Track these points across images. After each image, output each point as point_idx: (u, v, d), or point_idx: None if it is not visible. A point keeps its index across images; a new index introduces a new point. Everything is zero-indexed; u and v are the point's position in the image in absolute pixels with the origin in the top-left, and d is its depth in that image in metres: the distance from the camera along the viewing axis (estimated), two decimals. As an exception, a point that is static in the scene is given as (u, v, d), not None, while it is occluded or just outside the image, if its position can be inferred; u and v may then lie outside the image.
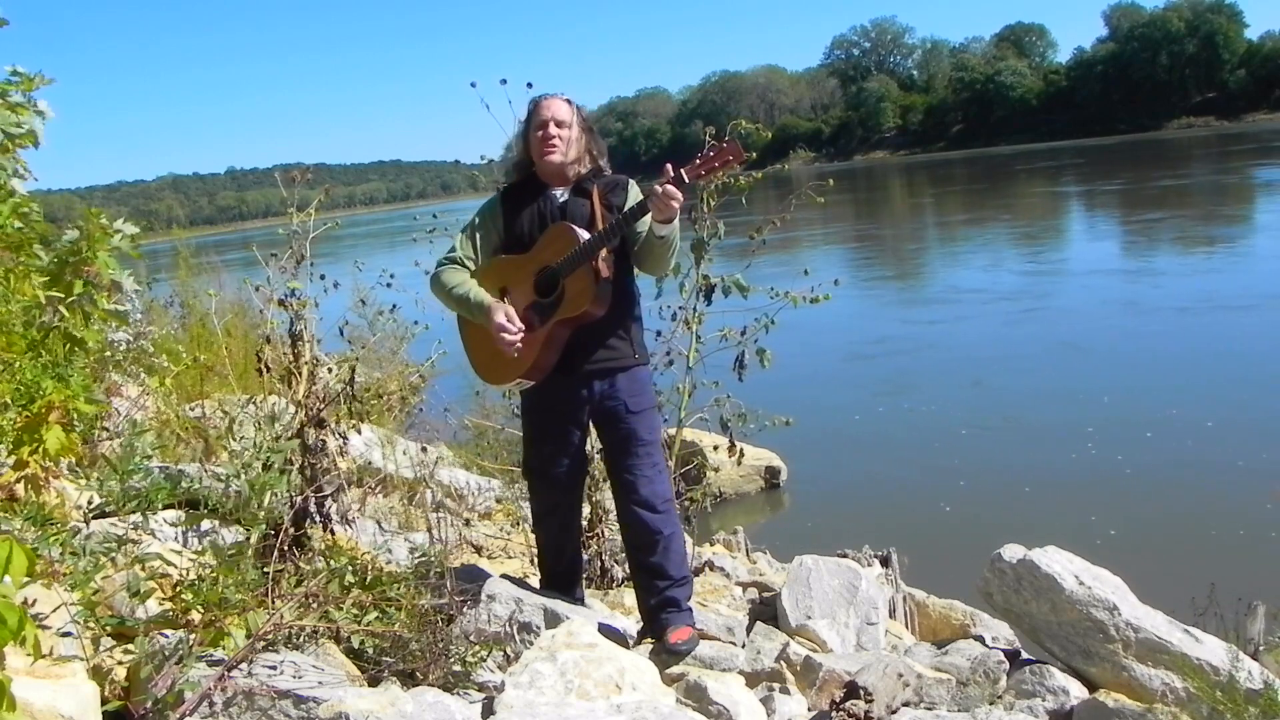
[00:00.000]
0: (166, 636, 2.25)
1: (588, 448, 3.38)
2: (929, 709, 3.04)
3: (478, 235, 3.17)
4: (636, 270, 3.17)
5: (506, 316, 2.98)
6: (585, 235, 2.96)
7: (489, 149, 3.23)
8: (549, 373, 3.04)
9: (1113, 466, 6.98)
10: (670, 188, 2.84)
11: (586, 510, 4.01)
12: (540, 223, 3.08)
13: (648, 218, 2.94)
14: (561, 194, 3.10)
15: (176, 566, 2.41)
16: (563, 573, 3.31)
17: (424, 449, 5.23)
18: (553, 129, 3.05)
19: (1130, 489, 6.55)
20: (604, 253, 2.95)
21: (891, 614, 4.02)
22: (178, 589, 2.38)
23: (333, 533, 3.33)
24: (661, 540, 3.06)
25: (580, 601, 3.34)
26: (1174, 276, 14.69)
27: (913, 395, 9.47)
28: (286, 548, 2.92)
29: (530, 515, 3.48)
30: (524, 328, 2.98)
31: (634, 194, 3.12)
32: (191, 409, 4.95)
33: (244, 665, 2.24)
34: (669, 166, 2.90)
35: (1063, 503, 6.39)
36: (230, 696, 2.16)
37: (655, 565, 3.07)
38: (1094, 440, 7.56)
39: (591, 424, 3.16)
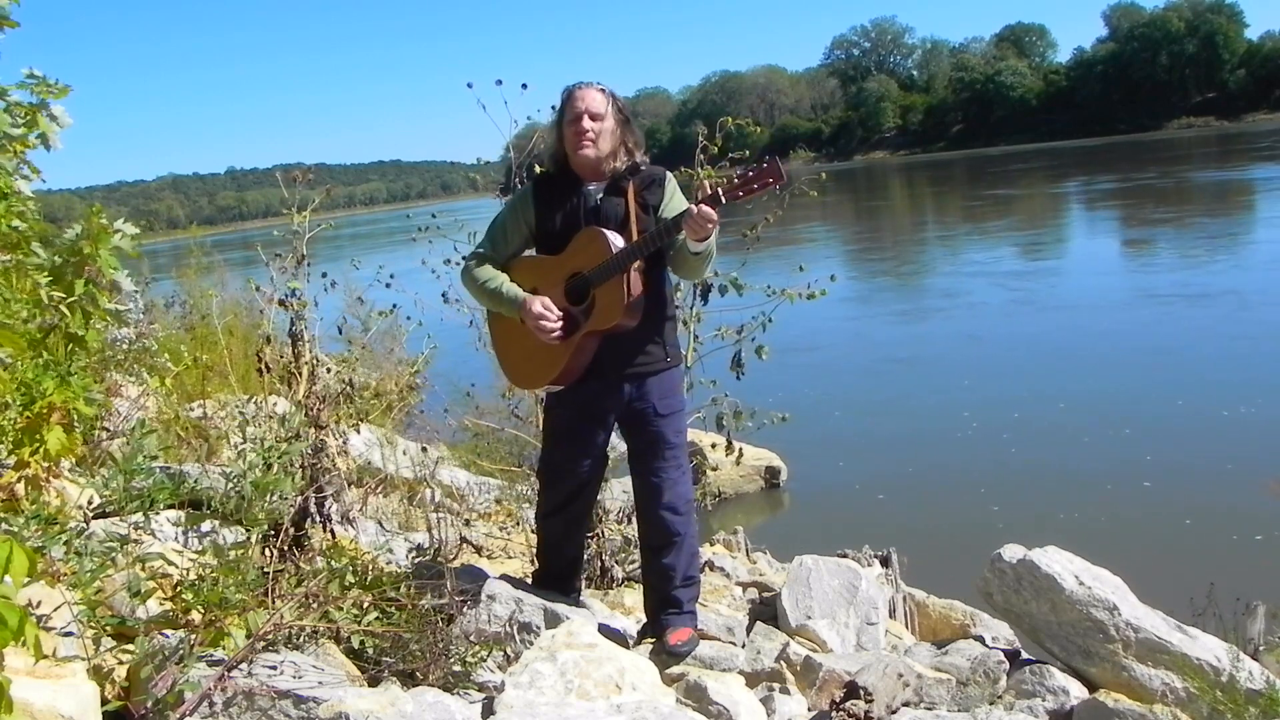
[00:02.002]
0: (167, 636, 2.25)
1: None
2: (929, 709, 3.04)
3: (508, 227, 3.11)
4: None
5: (543, 305, 2.92)
6: (618, 243, 2.88)
7: (489, 149, 3.23)
8: (579, 376, 3.00)
9: (1113, 466, 6.98)
10: (705, 208, 2.76)
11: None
12: (573, 220, 2.99)
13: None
14: (596, 191, 3.01)
15: (177, 566, 2.41)
16: (560, 571, 3.30)
17: (424, 449, 5.24)
18: (586, 122, 2.93)
19: (1130, 489, 6.55)
20: (638, 263, 2.89)
21: (891, 614, 4.02)
22: (178, 589, 2.38)
23: (333, 533, 3.33)
24: (679, 541, 3.06)
25: (577, 599, 3.34)
26: (1155, 273, 14.71)
27: (913, 395, 9.47)
28: (286, 548, 2.92)
29: (535, 511, 3.46)
30: (561, 315, 2.93)
31: (670, 189, 3.05)
32: (192, 409, 4.95)
33: (244, 665, 2.24)
34: (706, 184, 2.84)
35: (1062, 502, 6.39)
36: (230, 696, 2.16)
37: (668, 566, 3.07)
38: (1096, 440, 7.57)
39: (617, 424, 3.12)
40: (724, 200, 2.79)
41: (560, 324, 2.93)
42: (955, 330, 12.51)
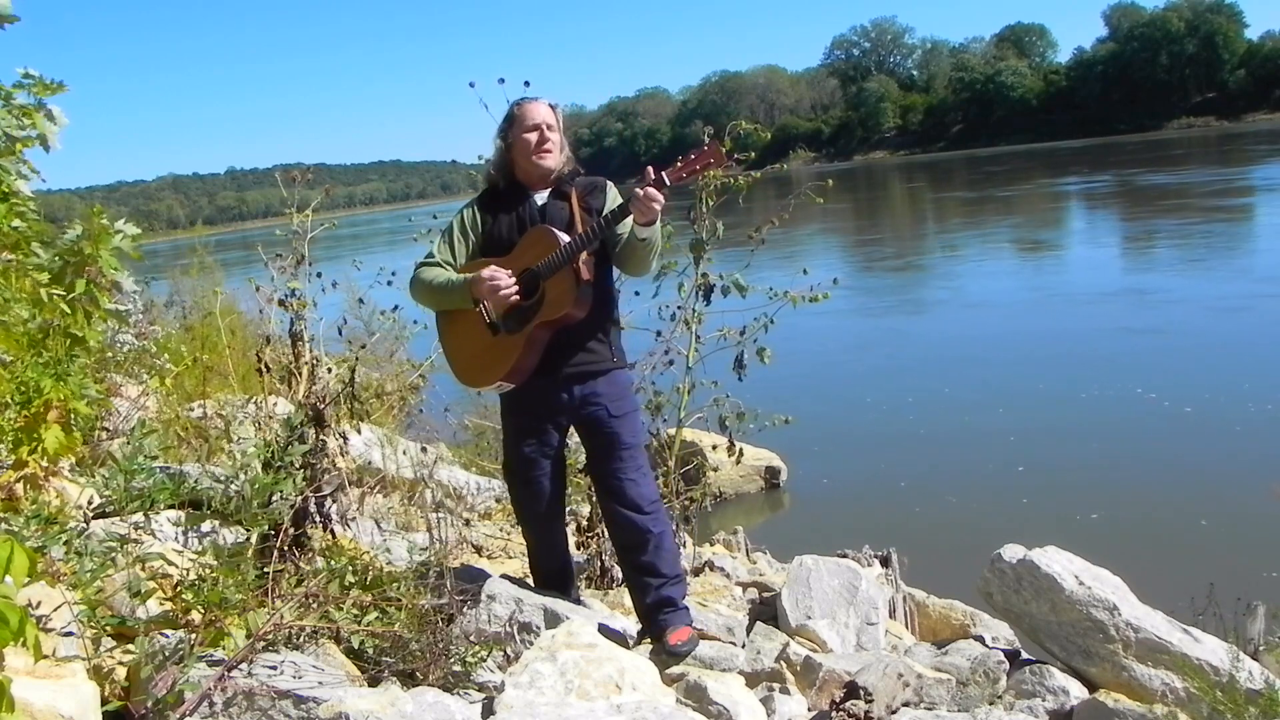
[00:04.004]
0: (167, 636, 2.25)
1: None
2: (929, 709, 3.04)
3: (455, 239, 3.17)
4: (617, 273, 3.18)
5: (490, 271, 2.97)
6: (565, 238, 2.96)
7: (488, 149, 3.24)
8: (529, 375, 3.04)
9: (1114, 466, 6.98)
10: (651, 190, 2.85)
11: (585, 510, 4.01)
12: (519, 226, 3.09)
13: (629, 220, 2.95)
14: (540, 197, 3.11)
15: (177, 566, 2.41)
16: (557, 573, 3.31)
17: (424, 449, 5.23)
18: (547, 133, 3.06)
19: (1130, 489, 6.55)
20: (585, 255, 2.96)
21: (891, 614, 4.02)
22: (178, 589, 2.38)
23: (333, 533, 3.33)
24: (651, 539, 3.07)
25: (578, 602, 3.34)
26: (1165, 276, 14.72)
27: (912, 395, 9.47)
28: (286, 548, 2.92)
29: (517, 517, 3.48)
30: (513, 275, 2.97)
31: (612, 196, 3.14)
32: (192, 409, 4.95)
33: (244, 665, 2.24)
34: (650, 169, 2.93)
35: (1063, 502, 6.39)
36: (230, 696, 2.16)
37: (647, 564, 3.07)
38: (1096, 440, 7.57)
39: (573, 428, 3.17)
40: (668, 182, 2.90)
41: (512, 281, 2.97)
42: (953, 330, 12.52)
